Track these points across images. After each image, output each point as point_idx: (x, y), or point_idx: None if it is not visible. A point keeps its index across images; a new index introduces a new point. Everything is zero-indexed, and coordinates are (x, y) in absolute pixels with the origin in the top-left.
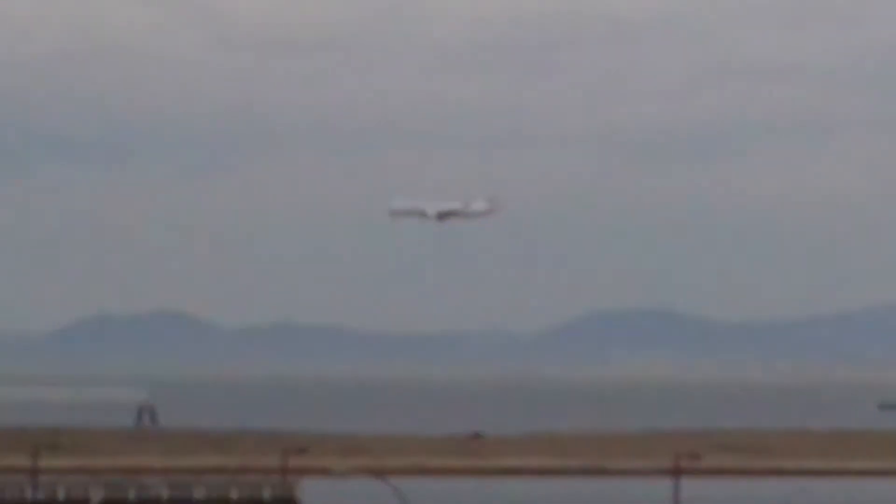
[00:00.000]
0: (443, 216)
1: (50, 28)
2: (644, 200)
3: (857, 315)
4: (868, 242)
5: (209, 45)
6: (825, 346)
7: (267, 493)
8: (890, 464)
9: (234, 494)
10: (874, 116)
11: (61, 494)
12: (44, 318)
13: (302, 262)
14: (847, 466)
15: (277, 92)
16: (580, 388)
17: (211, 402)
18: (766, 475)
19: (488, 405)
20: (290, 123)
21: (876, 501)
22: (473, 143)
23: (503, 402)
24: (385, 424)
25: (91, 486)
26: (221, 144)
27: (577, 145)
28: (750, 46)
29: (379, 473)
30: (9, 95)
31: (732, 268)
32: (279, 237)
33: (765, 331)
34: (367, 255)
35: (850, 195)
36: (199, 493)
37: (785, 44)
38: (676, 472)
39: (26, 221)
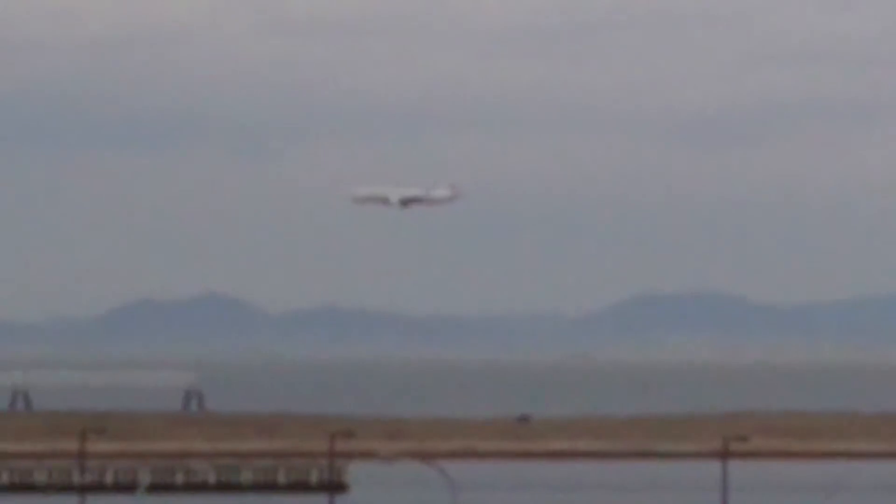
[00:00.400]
0: (406, 202)
1: (99, 13)
2: (690, 183)
3: None
4: None
5: (256, 30)
6: (873, 328)
7: (314, 477)
8: None
9: (281, 478)
10: None
11: (109, 478)
12: (90, 303)
13: (348, 246)
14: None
15: (326, 76)
16: (628, 371)
17: (257, 386)
18: (814, 458)
19: (536, 388)
20: (338, 107)
21: None
22: (517, 127)
23: (551, 384)
24: (432, 407)
25: (138, 470)
26: (267, 129)
27: (623, 129)
28: (797, 28)
29: (426, 457)
30: (59, 80)
31: (779, 250)
32: (325, 221)
33: (813, 312)
34: (412, 239)
35: None
36: (245, 476)
37: (833, 25)
38: (724, 455)
39: (71, 206)
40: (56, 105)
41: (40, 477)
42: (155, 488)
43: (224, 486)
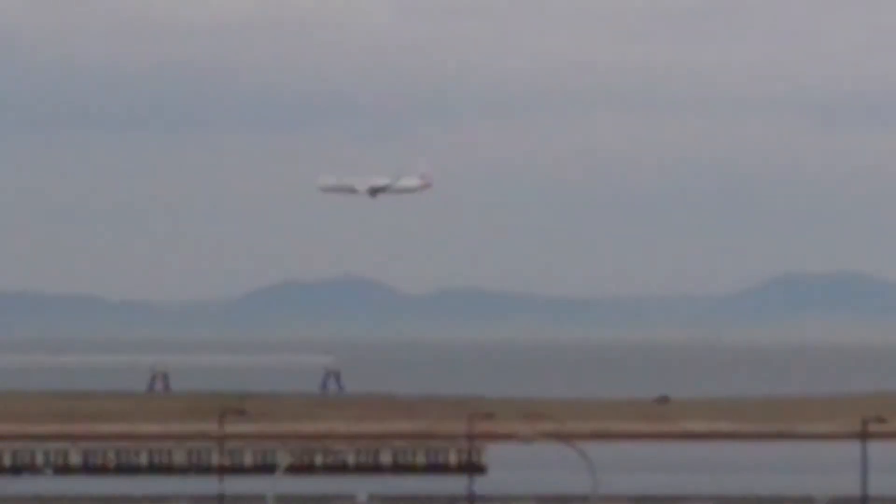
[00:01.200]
0: (374, 192)
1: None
2: (829, 163)
3: None
4: None
5: (399, 14)
6: None
7: (453, 458)
8: None
9: (419, 459)
10: None
11: (248, 460)
12: (231, 285)
13: (486, 228)
14: None
15: (468, 59)
16: (767, 352)
17: (397, 368)
18: None
19: (675, 369)
20: (480, 89)
21: None
22: (652, 108)
23: (690, 365)
24: (571, 389)
25: (278, 452)
26: (409, 111)
27: (763, 109)
28: None
29: (564, 438)
30: (204, 62)
31: None
32: (463, 203)
33: None
34: (549, 222)
35: None
36: (385, 457)
37: None
38: (863, 436)
39: (212, 188)
40: (199, 87)
41: (179, 458)
42: (294, 470)
43: (363, 468)
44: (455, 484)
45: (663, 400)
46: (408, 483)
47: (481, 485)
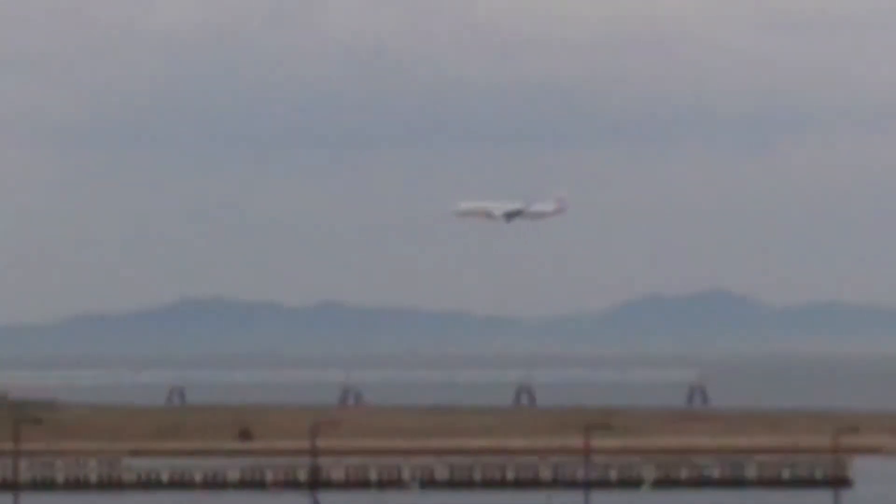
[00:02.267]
0: (510, 216)
1: (598, 13)
2: None
3: None
4: None
5: (757, 25)
6: None
7: (819, 473)
8: None
9: (785, 474)
10: None
11: (613, 474)
12: (597, 299)
13: (850, 241)
14: None
15: (830, 70)
16: None
17: (761, 382)
18: None
19: None
20: (844, 101)
21: None
22: None
23: None
24: None
25: (643, 466)
26: (771, 123)
27: None
28: None
29: None
30: (561, 79)
31: None
32: (828, 215)
33: None
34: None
35: None
36: (750, 472)
37: None
38: None
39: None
40: (556, 104)
41: (545, 473)
42: (659, 484)
43: (728, 482)
44: (821, 498)
45: None
46: (773, 497)
47: (847, 499)
